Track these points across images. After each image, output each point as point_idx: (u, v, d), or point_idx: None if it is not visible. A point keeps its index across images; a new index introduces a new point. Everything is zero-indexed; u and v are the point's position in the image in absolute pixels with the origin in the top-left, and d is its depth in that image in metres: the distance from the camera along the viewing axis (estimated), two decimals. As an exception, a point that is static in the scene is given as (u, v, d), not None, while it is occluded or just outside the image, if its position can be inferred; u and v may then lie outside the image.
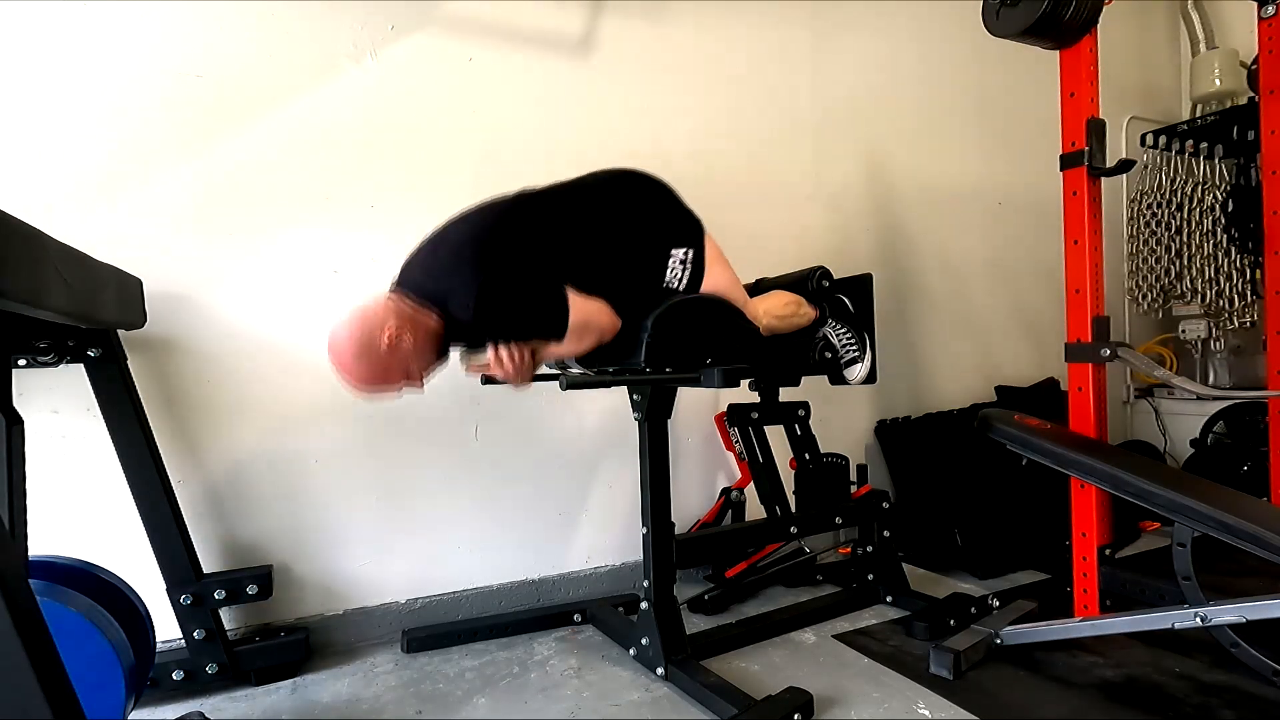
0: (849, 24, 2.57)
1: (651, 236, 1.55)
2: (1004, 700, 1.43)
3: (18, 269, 0.84)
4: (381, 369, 1.31)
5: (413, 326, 1.32)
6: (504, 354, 1.38)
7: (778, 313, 1.71)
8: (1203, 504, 1.38)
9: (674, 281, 1.55)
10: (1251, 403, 2.68)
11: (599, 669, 1.64)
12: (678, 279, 1.55)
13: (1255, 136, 2.22)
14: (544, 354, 1.46)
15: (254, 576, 1.61)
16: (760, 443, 1.90)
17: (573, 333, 1.39)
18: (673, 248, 1.54)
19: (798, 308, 1.76)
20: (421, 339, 1.34)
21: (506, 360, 1.38)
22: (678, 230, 1.57)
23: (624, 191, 1.57)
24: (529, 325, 1.39)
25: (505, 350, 1.38)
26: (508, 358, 1.38)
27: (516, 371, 1.39)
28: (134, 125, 1.63)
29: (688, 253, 1.55)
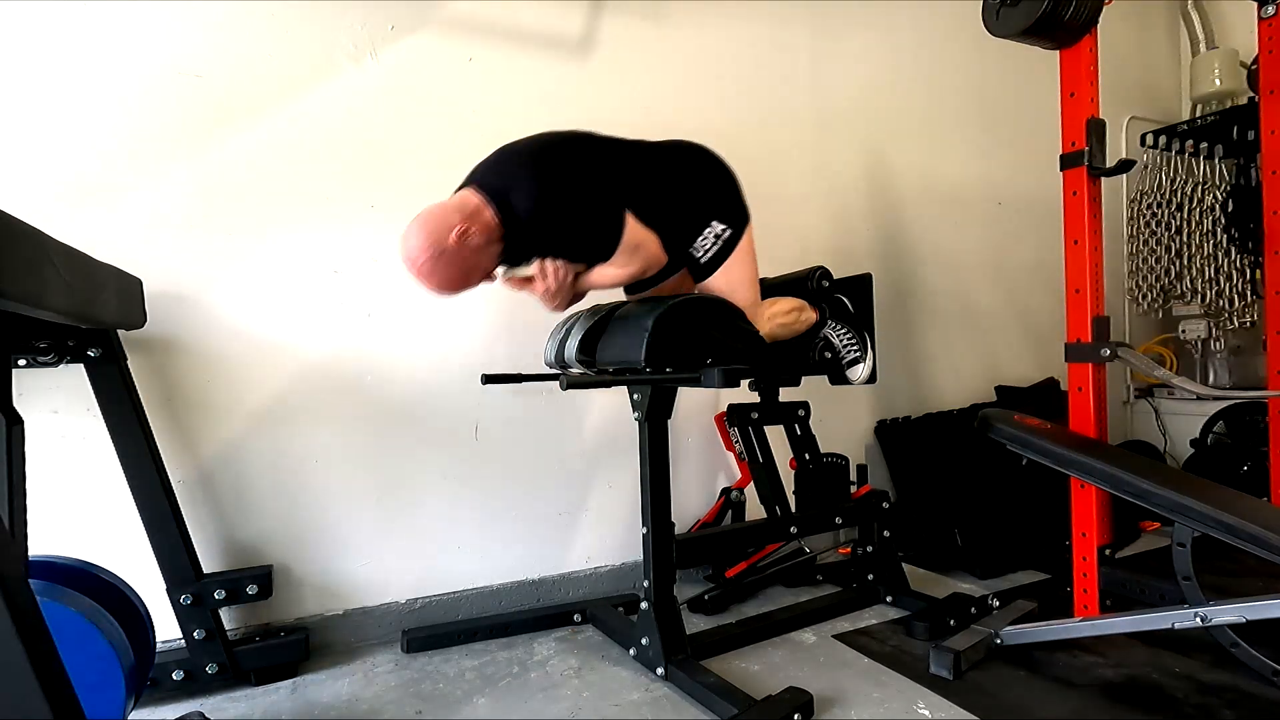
0: (849, 24, 2.57)
1: (701, 201, 1.59)
2: (1004, 700, 1.43)
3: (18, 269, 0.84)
4: (458, 267, 1.36)
5: (477, 220, 1.37)
6: (549, 267, 1.44)
7: (781, 320, 1.71)
8: (1203, 504, 1.38)
9: (701, 251, 1.58)
10: (1251, 403, 2.68)
11: (599, 669, 1.64)
12: (706, 250, 1.58)
13: (1255, 136, 2.22)
14: (585, 281, 1.52)
15: (254, 576, 1.61)
16: (760, 443, 1.90)
17: (624, 250, 1.45)
18: (715, 220, 1.57)
19: (800, 314, 1.76)
20: (486, 233, 1.39)
21: (551, 274, 1.44)
22: (727, 208, 1.60)
23: (694, 157, 1.63)
24: (585, 229, 1.44)
25: (551, 264, 1.44)
26: (552, 271, 1.44)
27: (558, 287, 1.46)
28: (134, 125, 1.63)
29: (725, 230, 1.58)
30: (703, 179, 1.61)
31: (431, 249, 1.33)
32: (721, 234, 1.57)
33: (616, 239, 1.43)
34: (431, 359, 1.91)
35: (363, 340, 1.84)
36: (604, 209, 1.43)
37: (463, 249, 1.34)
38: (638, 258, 1.48)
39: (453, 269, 1.35)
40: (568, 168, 1.43)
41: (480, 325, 1.97)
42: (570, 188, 1.41)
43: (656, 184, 1.54)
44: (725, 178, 1.63)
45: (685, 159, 1.62)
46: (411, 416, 1.89)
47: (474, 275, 1.40)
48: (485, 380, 1.71)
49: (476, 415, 1.96)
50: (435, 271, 1.35)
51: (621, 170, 1.50)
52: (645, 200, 1.49)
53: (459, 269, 1.36)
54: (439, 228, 1.34)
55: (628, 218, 1.44)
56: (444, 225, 1.34)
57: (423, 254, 1.34)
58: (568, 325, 1.71)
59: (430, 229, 1.34)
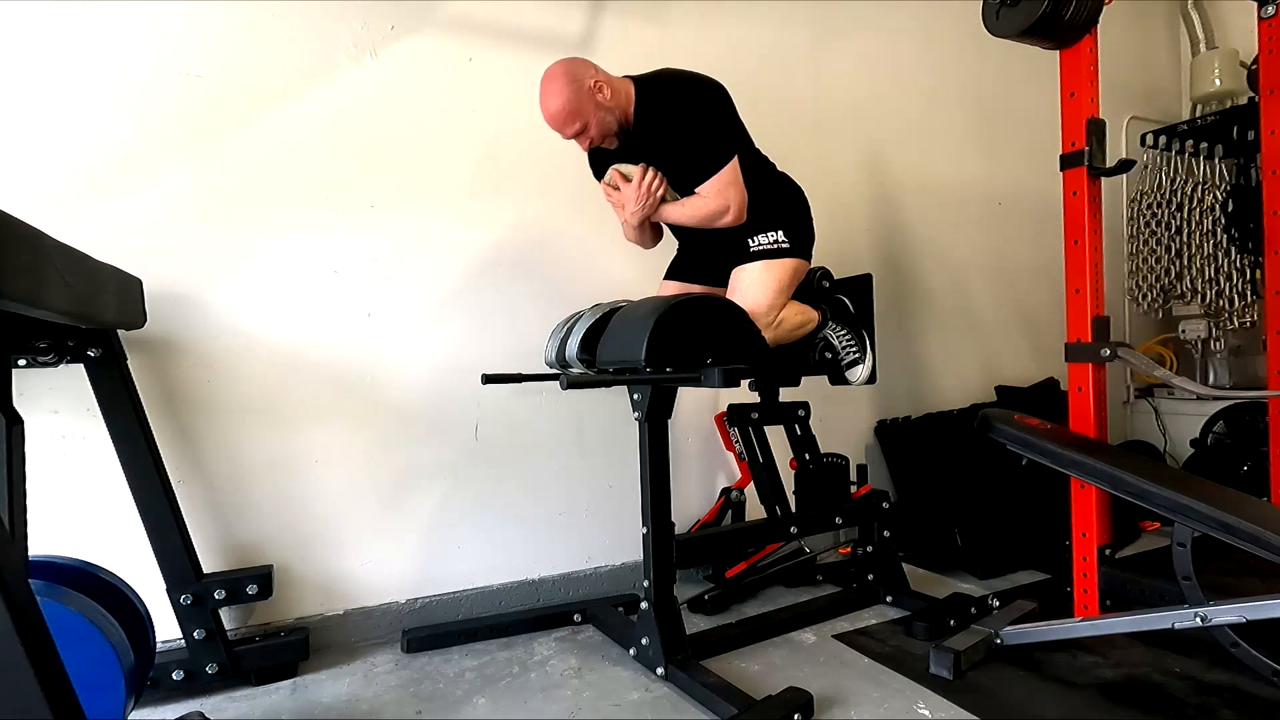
0: (849, 24, 2.58)
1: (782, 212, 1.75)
2: (1004, 700, 1.43)
3: (18, 269, 0.84)
4: (575, 104, 1.57)
5: (614, 90, 1.61)
6: (649, 175, 1.67)
7: (789, 324, 1.75)
8: (1203, 504, 1.38)
9: (756, 244, 1.72)
10: (1251, 403, 2.68)
11: (599, 669, 1.64)
12: (760, 245, 1.72)
13: (1255, 136, 2.22)
14: (666, 211, 1.72)
15: (254, 576, 1.61)
16: (760, 443, 1.90)
17: (717, 180, 1.63)
18: (783, 231, 1.73)
19: (805, 317, 1.79)
20: (614, 103, 1.61)
21: (646, 181, 1.67)
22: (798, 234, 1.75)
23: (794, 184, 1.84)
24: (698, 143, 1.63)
25: (653, 171, 1.67)
26: (651, 176, 1.67)
27: (648, 193, 1.67)
28: (134, 125, 1.63)
29: (785, 242, 1.72)
30: (793, 203, 1.80)
31: (570, 76, 1.56)
32: (780, 242, 1.72)
33: (718, 167, 1.62)
34: (431, 359, 1.91)
35: (363, 340, 1.84)
36: (720, 141, 1.64)
37: (589, 95, 1.57)
38: (724, 195, 1.64)
39: (572, 101, 1.56)
40: (707, 100, 1.64)
41: (480, 325, 1.97)
42: (701, 112, 1.62)
43: (762, 169, 1.75)
44: (807, 216, 1.82)
45: (789, 181, 1.83)
46: (411, 416, 1.89)
47: (578, 119, 1.58)
48: (485, 380, 1.71)
49: (476, 415, 1.96)
50: (558, 93, 1.56)
51: (746, 137, 1.74)
52: (750, 167, 1.69)
53: (575, 105, 1.56)
54: (584, 70, 1.59)
55: (734, 160, 1.64)
56: (587, 71, 1.59)
57: (561, 74, 1.57)
58: (568, 325, 1.71)
59: (577, 67, 1.59)
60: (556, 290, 2.05)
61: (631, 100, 1.62)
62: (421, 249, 1.90)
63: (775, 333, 1.70)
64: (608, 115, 1.60)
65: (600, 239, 2.08)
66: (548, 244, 2.07)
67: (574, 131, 1.60)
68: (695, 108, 1.62)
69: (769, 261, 1.70)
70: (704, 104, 1.63)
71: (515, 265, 2.02)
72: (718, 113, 1.65)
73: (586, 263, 2.11)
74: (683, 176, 1.67)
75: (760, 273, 1.69)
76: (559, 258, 2.08)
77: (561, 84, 1.56)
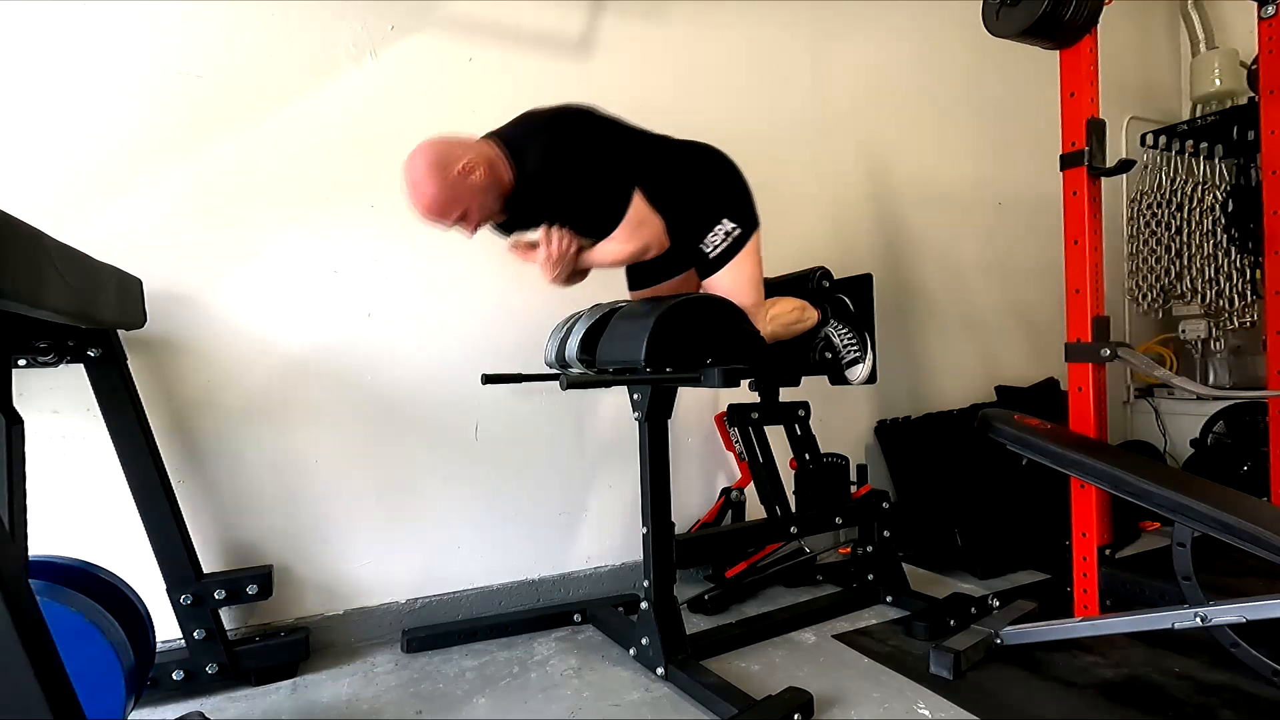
0: (849, 24, 2.57)
1: (713, 200, 1.62)
2: (1004, 700, 1.43)
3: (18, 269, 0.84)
4: (446, 194, 1.39)
5: (488, 166, 1.42)
6: (554, 234, 1.49)
7: (784, 320, 1.72)
8: (1203, 504, 1.38)
9: (710, 246, 1.60)
10: (1251, 403, 2.68)
11: (599, 669, 1.64)
12: (715, 246, 1.60)
13: (1255, 136, 2.22)
14: (588, 258, 1.56)
15: (254, 576, 1.61)
16: (760, 443, 1.89)
17: (627, 225, 1.49)
18: (726, 218, 1.60)
19: (802, 313, 1.77)
20: (490, 181, 1.42)
21: (554, 241, 1.49)
22: (738, 209, 1.63)
23: (707, 155, 1.66)
24: (592, 197, 1.49)
25: (556, 232, 1.49)
26: (556, 240, 1.49)
27: (559, 256, 1.50)
28: (134, 125, 1.63)
29: (735, 229, 1.61)
30: (717, 178, 1.65)
31: (431, 167, 1.37)
32: (731, 232, 1.60)
33: (621, 212, 1.48)
34: (431, 359, 1.91)
35: (363, 340, 1.84)
36: (613, 182, 1.49)
37: (461, 181, 1.38)
38: (640, 235, 1.51)
39: (444, 193, 1.38)
40: (583, 138, 1.48)
41: (480, 325, 1.97)
42: (582, 156, 1.46)
43: (671, 174, 1.58)
44: (738, 181, 1.67)
45: (701, 157, 1.66)
46: (411, 416, 1.89)
47: (457, 208, 1.41)
48: (485, 380, 1.71)
49: (476, 415, 1.96)
50: (426, 185, 1.38)
51: (637, 152, 1.56)
52: (657, 185, 1.53)
53: (448, 195, 1.39)
54: (448, 154, 1.39)
55: (636, 194, 1.49)
56: (453, 153, 1.39)
57: (422, 167, 1.38)
58: (568, 325, 1.71)
59: (439, 152, 1.39)
60: (556, 290, 2.04)
61: (507, 167, 1.45)
62: (421, 249, 1.90)
63: (771, 327, 1.68)
64: (486, 196, 1.43)
65: (600, 239, 2.08)
66: (548, 244, 2.07)
67: (454, 220, 1.43)
68: (571, 156, 1.45)
69: (734, 263, 1.61)
70: (579, 147, 1.46)
71: (515, 265, 2.01)
72: (597, 148, 1.49)
73: (586, 263, 2.11)
74: (588, 228, 1.54)
75: (732, 280, 1.61)
76: (559, 258, 2.08)
77: (426, 176, 1.38)
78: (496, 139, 1.48)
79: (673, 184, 1.57)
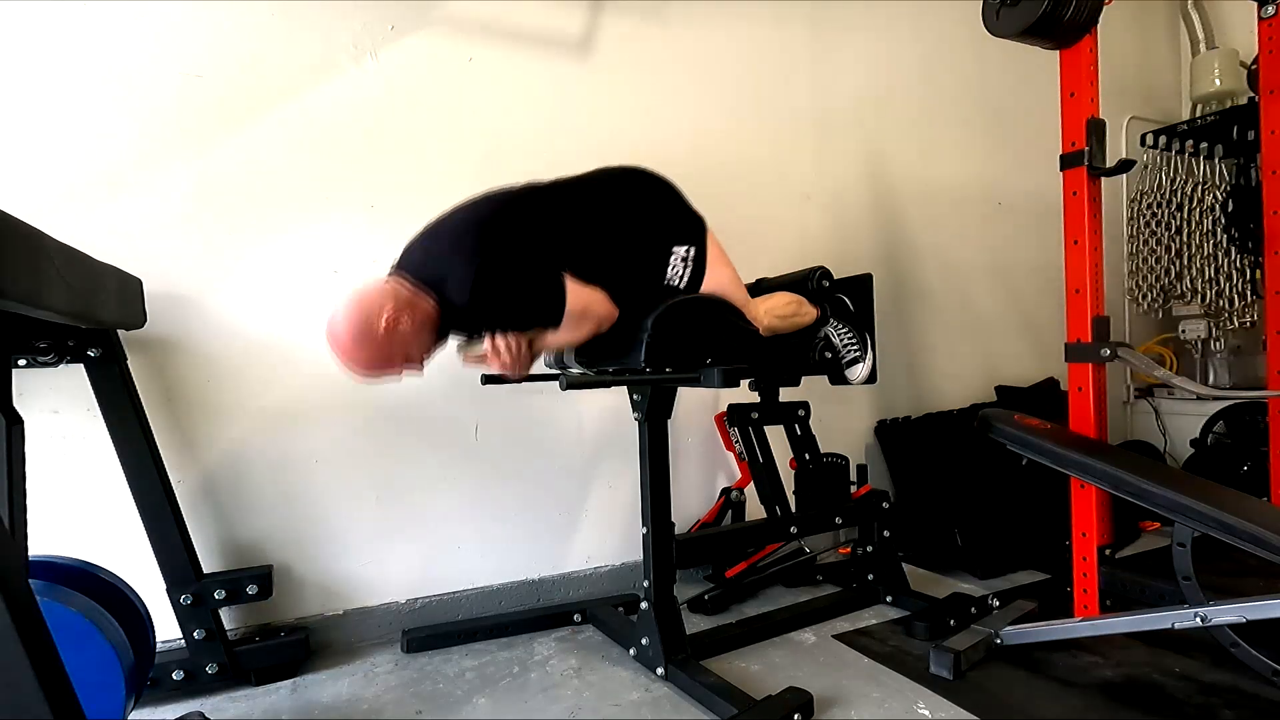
0: (849, 24, 2.57)
1: (654, 232, 1.55)
2: (1004, 700, 1.43)
3: (18, 269, 0.84)
4: (381, 353, 1.30)
5: (410, 310, 1.32)
6: (501, 343, 1.38)
7: (779, 313, 1.71)
8: (1203, 504, 1.38)
9: (675, 279, 1.55)
10: (1251, 403, 2.68)
11: (599, 669, 1.64)
12: (679, 277, 1.55)
13: (1255, 136, 2.21)
14: (541, 344, 1.46)
15: (254, 576, 1.61)
16: (760, 443, 1.90)
17: (570, 318, 1.39)
18: (675, 245, 1.55)
19: (799, 307, 1.76)
20: (419, 322, 1.33)
21: (504, 350, 1.38)
22: (681, 228, 1.57)
23: (628, 187, 1.57)
24: (525, 309, 1.38)
25: (502, 340, 1.38)
26: (505, 347, 1.38)
27: (514, 361, 1.40)
28: (134, 125, 1.63)
29: (689, 250, 1.56)
30: (647, 208, 1.55)
31: (357, 331, 1.28)
32: (687, 255, 1.54)
33: (560, 310, 1.37)
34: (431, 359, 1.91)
35: (363, 340, 1.84)
36: (541, 282, 1.37)
37: (390, 336, 1.29)
38: (586, 321, 1.42)
39: (377, 353, 1.30)
40: (499, 246, 1.37)
41: (480, 325, 1.97)
42: (503, 270, 1.35)
43: (600, 234, 1.48)
44: (667, 195, 1.58)
45: (619, 192, 1.55)
46: (411, 416, 1.89)
47: (396, 361, 1.34)
48: (485, 380, 1.71)
49: (476, 415, 1.96)
50: (356, 354, 1.30)
51: (560, 231, 1.45)
52: (586, 256, 1.44)
53: (383, 354, 1.31)
54: (370, 312, 1.28)
55: (568, 283, 1.38)
56: (375, 310, 1.29)
57: (347, 336, 1.28)
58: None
59: (361, 313, 1.28)
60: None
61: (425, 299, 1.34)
62: (421, 249, 1.90)
63: (768, 320, 1.67)
64: (419, 336, 1.34)
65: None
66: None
67: (398, 371, 1.36)
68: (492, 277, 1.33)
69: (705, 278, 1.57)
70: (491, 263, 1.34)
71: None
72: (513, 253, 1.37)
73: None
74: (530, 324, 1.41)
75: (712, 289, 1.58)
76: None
77: (355, 345, 1.28)
78: (403, 274, 1.37)
79: (604, 245, 1.48)
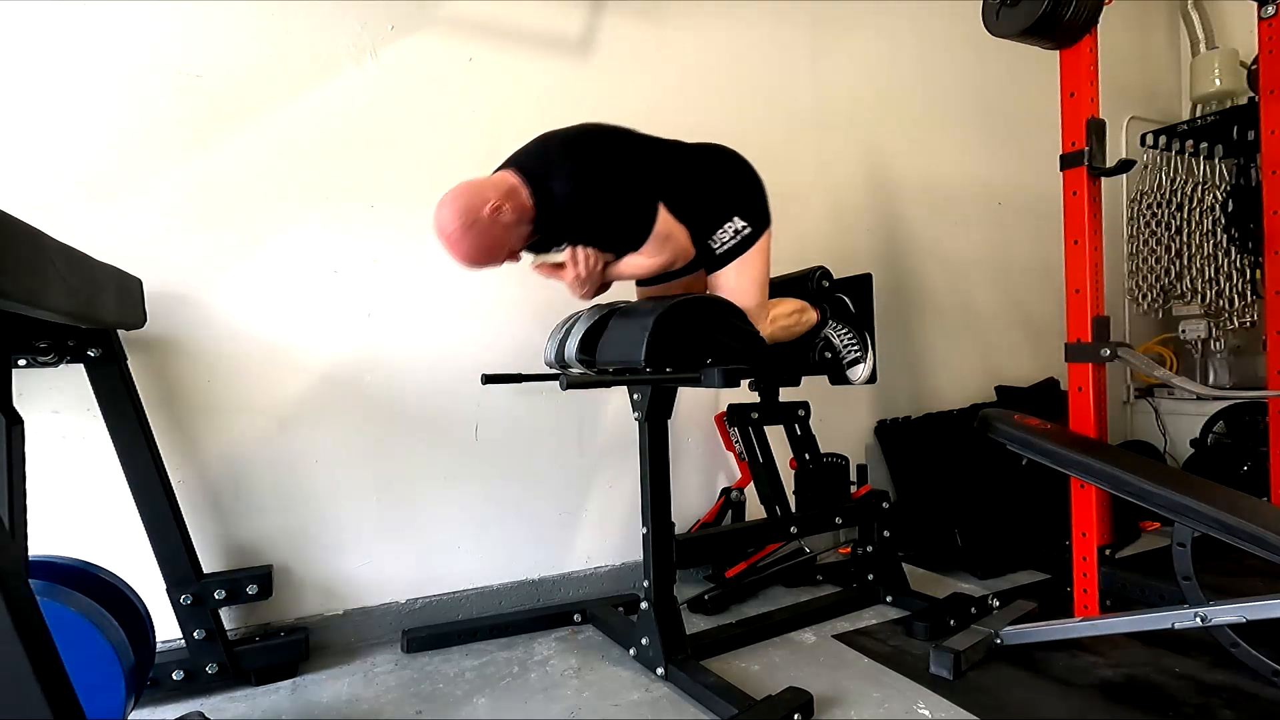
0: (849, 24, 2.58)
1: (726, 196, 1.62)
2: (1004, 700, 1.43)
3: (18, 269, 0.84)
4: (487, 240, 1.40)
5: (513, 201, 1.42)
6: (581, 254, 1.49)
7: (783, 322, 1.72)
8: (1203, 504, 1.38)
9: (718, 242, 1.60)
10: (1251, 403, 2.68)
11: (599, 669, 1.64)
12: (723, 243, 1.60)
13: (1255, 136, 2.22)
14: (613, 272, 1.56)
15: (254, 576, 1.61)
16: (760, 443, 1.90)
17: (654, 240, 1.49)
18: (737, 215, 1.60)
19: (801, 315, 1.77)
20: (518, 214, 1.43)
21: (582, 261, 1.49)
22: (750, 208, 1.63)
23: (722, 156, 1.67)
24: (618, 218, 1.49)
25: (584, 251, 1.49)
26: (584, 258, 1.49)
27: (587, 274, 1.51)
28: (134, 125, 1.63)
29: (745, 227, 1.61)
30: (730, 178, 1.66)
31: (464, 219, 1.37)
32: (741, 230, 1.60)
33: (648, 229, 1.48)
34: (431, 359, 1.91)
35: (363, 340, 1.84)
36: (638, 200, 1.49)
37: (494, 224, 1.39)
38: (667, 248, 1.52)
39: (481, 240, 1.40)
40: (606, 158, 1.49)
41: (480, 325, 1.97)
42: (607, 178, 1.47)
43: (688, 179, 1.59)
44: (752, 180, 1.67)
45: (716, 158, 1.67)
46: (411, 416, 1.89)
47: (499, 251, 1.44)
48: (485, 380, 1.71)
49: (476, 415, 1.96)
50: (464, 241, 1.39)
51: (656, 164, 1.56)
52: (677, 194, 1.54)
53: (487, 242, 1.41)
54: (474, 200, 1.38)
55: (660, 209, 1.49)
56: (479, 198, 1.38)
57: (454, 222, 1.38)
58: (568, 325, 1.71)
59: (465, 200, 1.38)
60: (556, 290, 2.04)
61: (528, 194, 1.44)
62: (422, 249, 1.90)
63: (771, 329, 1.68)
64: (519, 229, 1.44)
65: (600, 239, 2.08)
66: (548, 244, 2.07)
67: (500, 262, 1.48)
68: (596, 180, 1.45)
69: (741, 260, 1.61)
70: (602, 170, 1.47)
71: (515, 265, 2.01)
72: (619, 168, 1.49)
73: (586, 263, 2.11)
74: (613, 245, 1.54)
75: (736, 277, 1.62)
76: (559, 258, 2.08)
77: (460, 230, 1.38)
78: (514, 168, 1.47)
79: (690, 190, 1.58)
